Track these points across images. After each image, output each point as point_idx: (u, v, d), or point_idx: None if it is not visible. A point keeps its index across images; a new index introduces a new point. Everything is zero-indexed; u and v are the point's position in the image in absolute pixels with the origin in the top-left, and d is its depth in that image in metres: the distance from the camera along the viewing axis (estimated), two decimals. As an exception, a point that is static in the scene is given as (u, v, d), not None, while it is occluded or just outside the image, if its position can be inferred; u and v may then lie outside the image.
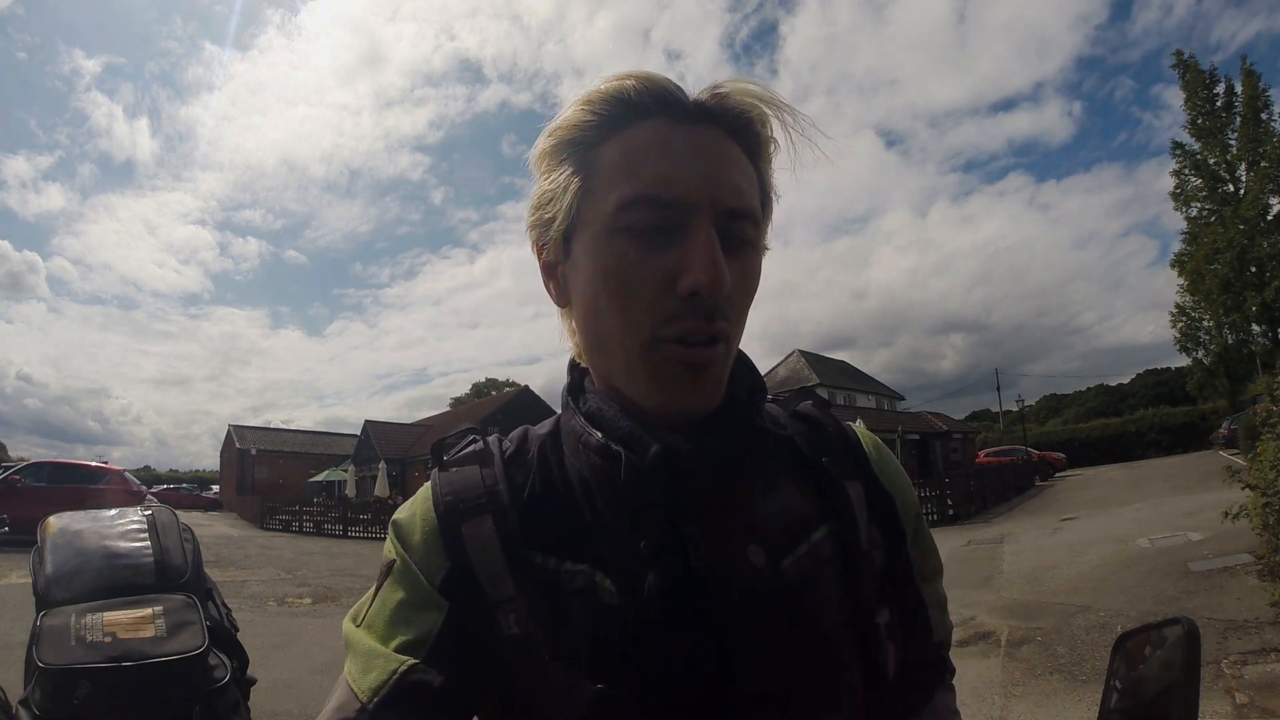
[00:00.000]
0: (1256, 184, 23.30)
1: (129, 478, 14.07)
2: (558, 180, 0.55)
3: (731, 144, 0.54)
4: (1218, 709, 3.41)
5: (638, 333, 0.52)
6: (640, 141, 0.52)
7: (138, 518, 1.65)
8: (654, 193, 0.50)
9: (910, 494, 0.67)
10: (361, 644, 0.53)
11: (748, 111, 0.54)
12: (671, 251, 0.50)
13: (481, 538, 0.54)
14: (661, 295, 0.51)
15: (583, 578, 0.53)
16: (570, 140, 0.55)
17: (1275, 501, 4.48)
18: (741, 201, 0.52)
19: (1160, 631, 0.56)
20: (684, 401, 0.53)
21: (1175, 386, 43.10)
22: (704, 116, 0.53)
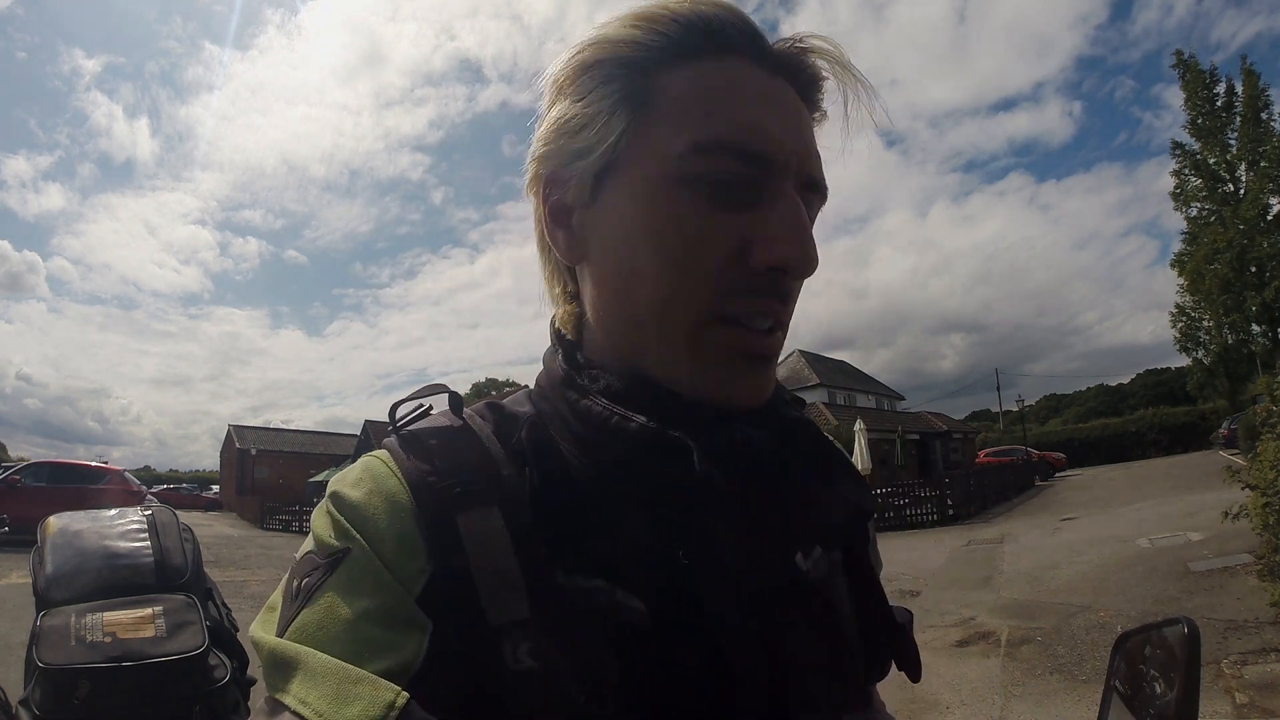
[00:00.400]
0: (1256, 184, 23.30)
1: (129, 478, 14.08)
2: (597, 104, 0.45)
3: (804, 106, 0.47)
4: (1218, 709, 3.41)
5: (692, 307, 0.43)
6: (724, 78, 0.44)
7: (138, 518, 1.65)
8: (740, 141, 0.42)
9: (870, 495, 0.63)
10: (320, 663, 0.37)
11: (823, 76, 0.48)
12: (747, 215, 0.42)
13: (486, 536, 0.40)
14: (729, 265, 0.42)
15: (601, 596, 0.41)
16: (620, 59, 0.45)
17: (1275, 501, 4.48)
18: (822, 173, 0.46)
19: (1160, 631, 0.56)
20: (735, 395, 0.44)
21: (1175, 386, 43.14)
22: (782, 68, 0.46)
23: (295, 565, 0.44)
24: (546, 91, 0.49)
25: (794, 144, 0.44)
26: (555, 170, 0.48)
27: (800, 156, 0.44)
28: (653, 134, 0.43)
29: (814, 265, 0.43)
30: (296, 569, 0.43)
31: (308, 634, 0.39)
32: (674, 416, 0.43)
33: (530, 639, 0.39)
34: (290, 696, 0.36)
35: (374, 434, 34.04)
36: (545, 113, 0.49)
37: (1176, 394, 40.30)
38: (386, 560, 0.40)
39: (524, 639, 0.39)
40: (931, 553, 9.78)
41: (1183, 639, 0.52)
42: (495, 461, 0.44)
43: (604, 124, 0.44)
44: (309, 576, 0.42)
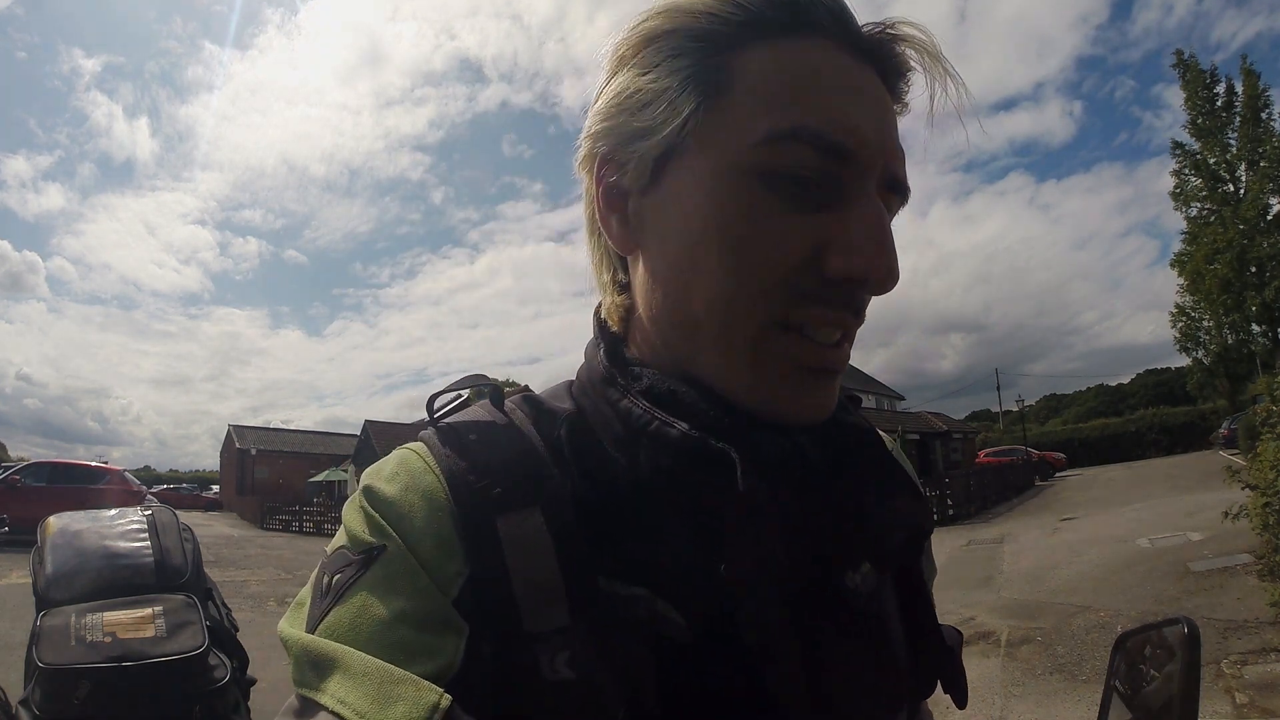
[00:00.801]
0: (1256, 184, 23.31)
1: (129, 478, 14.07)
2: (665, 79, 0.41)
3: (888, 101, 0.43)
4: (1218, 709, 3.41)
5: (756, 312, 0.39)
6: (810, 61, 0.39)
7: (138, 518, 1.65)
8: (826, 133, 0.38)
9: None
10: (359, 662, 0.35)
11: (910, 67, 0.43)
12: (825, 216, 0.39)
13: (526, 539, 0.39)
14: (801, 271, 0.39)
15: (641, 605, 0.39)
16: (692, 31, 0.41)
17: (1275, 501, 4.48)
18: (905, 172, 0.42)
19: (1160, 631, 0.56)
20: (793, 410, 0.41)
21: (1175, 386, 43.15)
22: (868, 55, 0.42)
23: (327, 560, 0.42)
24: (607, 62, 0.45)
25: (880, 140, 0.40)
26: (613, 149, 0.44)
27: (886, 154, 0.40)
28: (725, 118, 0.40)
29: (895, 280, 0.39)
30: (328, 564, 0.41)
31: (340, 633, 0.37)
32: (721, 424, 0.40)
33: (569, 648, 0.37)
34: (327, 696, 0.35)
35: (374, 434, 34.03)
36: (604, 85, 0.45)
37: (1176, 394, 40.32)
38: (423, 560, 0.39)
39: (562, 648, 0.37)
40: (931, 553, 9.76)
41: (1183, 639, 0.52)
42: (538, 460, 0.42)
43: (671, 103, 0.40)
44: (341, 573, 0.40)
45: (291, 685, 0.38)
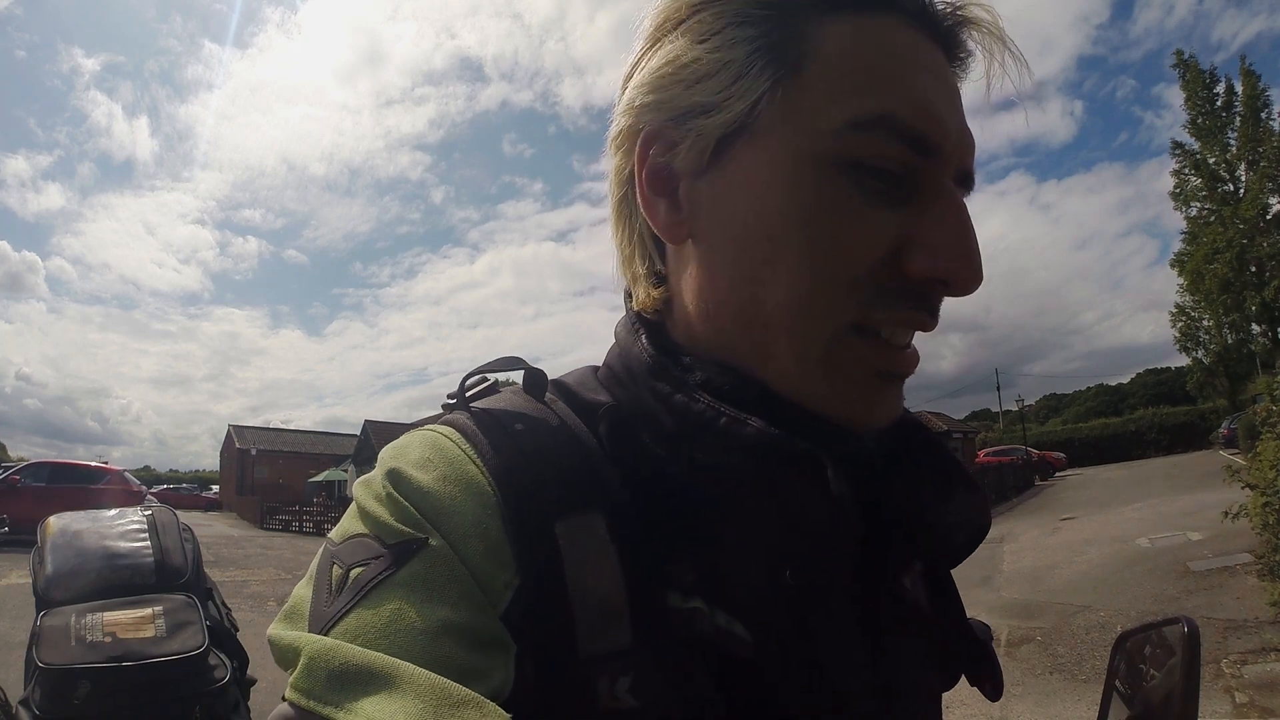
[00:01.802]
0: (1256, 184, 23.32)
1: (129, 478, 14.06)
2: (729, 50, 0.37)
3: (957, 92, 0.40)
4: (1218, 709, 3.41)
5: (834, 313, 0.36)
6: (893, 41, 0.36)
7: (138, 518, 1.65)
8: (912, 124, 0.35)
9: None
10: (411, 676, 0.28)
11: (972, 51, 0.40)
12: (907, 211, 0.36)
13: (588, 548, 0.34)
14: (880, 270, 0.36)
15: (704, 621, 0.36)
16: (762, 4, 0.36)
17: (1275, 501, 4.48)
18: (973, 164, 0.40)
19: (1160, 631, 0.56)
20: (865, 415, 0.38)
21: (1175, 386, 43.14)
22: (939, 36, 0.39)
23: (338, 548, 0.35)
24: (648, 25, 0.40)
25: (960, 130, 0.37)
26: (663, 125, 0.39)
27: (964, 146, 0.38)
28: (802, 99, 0.36)
29: (978, 281, 0.36)
30: (342, 552, 0.35)
31: (366, 640, 0.30)
32: (797, 424, 0.36)
33: (631, 672, 0.33)
34: (357, 717, 0.27)
35: (374, 434, 34.00)
36: (646, 52, 0.40)
37: (1176, 394, 40.31)
38: (470, 564, 0.33)
39: (624, 672, 0.33)
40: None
41: (1183, 638, 0.52)
42: (595, 458, 0.37)
43: (738, 77, 0.36)
44: (365, 566, 0.33)
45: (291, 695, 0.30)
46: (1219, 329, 26.04)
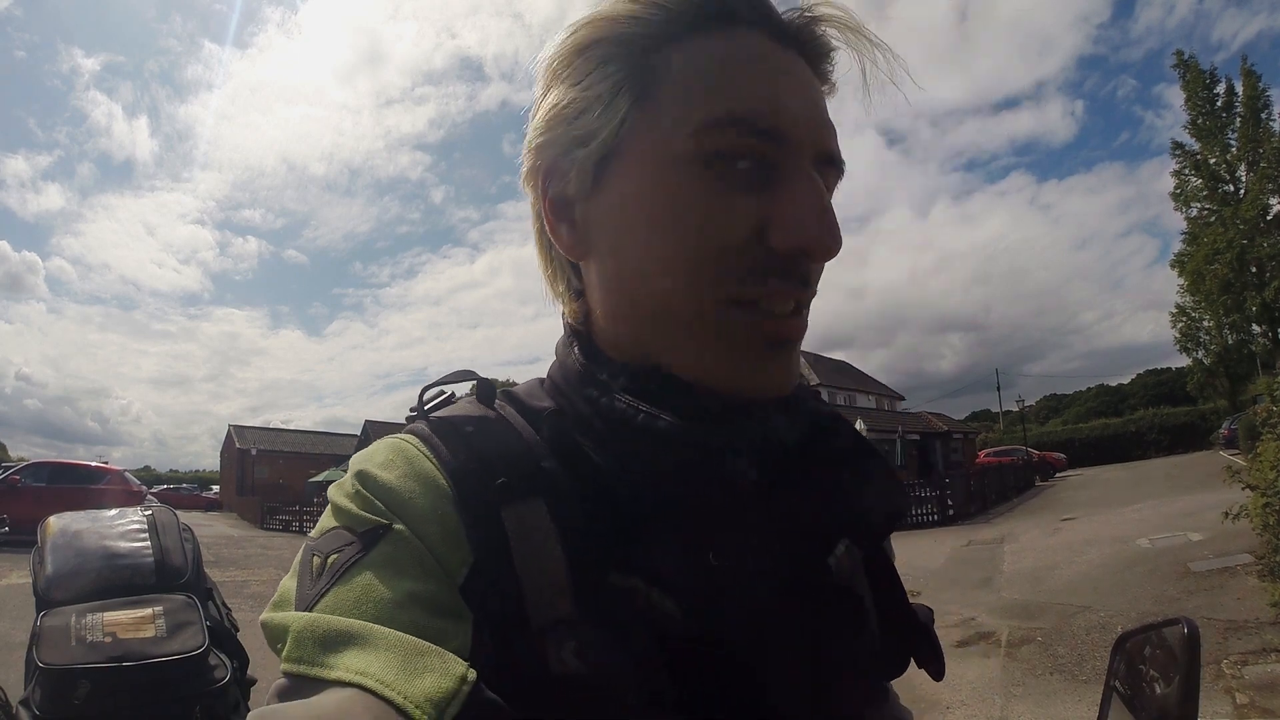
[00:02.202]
0: (1256, 184, 23.31)
1: (129, 478, 14.07)
2: (597, 86, 0.42)
3: (817, 83, 0.45)
4: (1218, 709, 3.41)
5: (711, 292, 0.40)
6: (735, 50, 0.41)
7: (138, 518, 1.65)
8: (754, 116, 0.39)
9: None
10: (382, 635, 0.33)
11: (833, 46, 0.45)
12: (765, 194, 0.40)
13: (531, 530, 0.39)
14: (748, 247, 0.40)
15: (638, 596, 0.39)
16: (618, 37, 0.42)
17: (1275, 501, 4.48)
18: (839, 150, 0.44)
19: (1160, 631, 0.56)
20: (760, 384, 0.42)
21: (1175, 386, 43.14)
22: (792, 40, 0.44)
23: (315, 541, 0.40)
24: (540, 77, 0.46)
25: (810, 118, 0.42)
26: (554, 160, 0.45)
27: (817, 131, 0.42)
28: (660, 114, 0.41)
29: (838, 247, 0.41)
30: (319, 545, 0.39)
31: (343, 612, 0.35)
32: (699, 412, 0.41)
33: (575, 639, 0.37)
34: (339, 670, 0.32)
35: (374, 434, 34.02)
36: (540, 100, 0.46)
37: (1176, 394, 40.30)
38: (431, 546, 0.38)
39: (568, 639, 0.37)
40: (931, 553, 9.77)
41: (1183, 639, 0.52)
42: (537, 454, 0.42)
43: (605, 107, 0.42)
44: (339, 552, 0.38)
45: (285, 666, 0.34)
46: (1219, 329, 26.04)
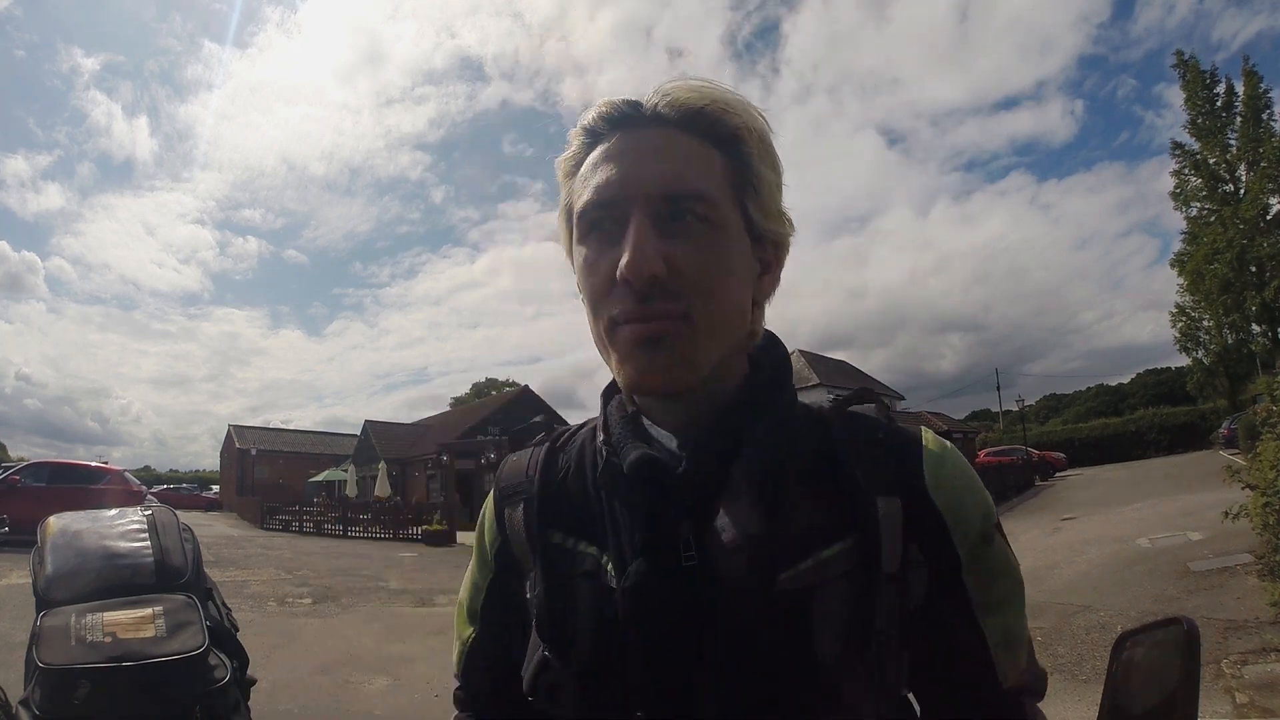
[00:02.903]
0: (1256, 184, 23.31)
1: (129, 478, 14.07)
2: (562, 197, 0.64)
3: (682, 137, 0.57)
4: (1218, 709, 3.41)
5: (604, 320, 0.57)
6: (596, 157, 0.59)
7: (138, 518, 1.65)
8: (597, 197, 0.57)
9: (975, 513, 0.58)
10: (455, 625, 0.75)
11: (692, 104, 0.57)
12: (620, 243, 0.54)
13: (516, 520, 0.67)
14: (613, 282, 0.55)
15: (591, 560, 0.61)
16: (564, 168, 0.64)
17: (1275, 501, 4.48)
18: (677, 185, 0.54)
19: (1160, 631, 0.56)
20: (647, 379, 0.55)
21: (1175, 386, 43.11)
22: (655, 121, 0.58)
23: None
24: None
25: (642, 179, 0.55)
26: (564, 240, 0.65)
27: (650, 185, 0.55)
28: (573, 199, 0.61)
29: (643, 268, 0.52)
30: None
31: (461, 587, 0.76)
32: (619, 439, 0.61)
33: (533, 579, 0.64)
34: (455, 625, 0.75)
35: (374, 434, 34.01)
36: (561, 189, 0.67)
37: (1176, 394, 40.26)
38: (485, 535, 0.73)
39: (531, 580, 0.64)
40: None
41: (1182, 639, 0.52)
42: (533, 470, 0.68)
43: (560, 213, 0.64)
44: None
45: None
46: (1219, 329, 26.04)
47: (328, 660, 5.67)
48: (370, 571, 11.53)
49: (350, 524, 19.90)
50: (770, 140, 0.59)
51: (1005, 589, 0.58)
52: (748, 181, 0.57)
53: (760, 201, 0.58)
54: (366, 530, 19.27)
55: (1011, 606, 0.58)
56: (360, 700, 4.70)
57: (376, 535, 18.80)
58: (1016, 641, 0.58)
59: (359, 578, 10.74)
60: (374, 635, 6.76)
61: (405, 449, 32.94)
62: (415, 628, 7.18)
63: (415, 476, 30.27)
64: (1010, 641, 0.57)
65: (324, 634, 6.77)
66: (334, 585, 9.81)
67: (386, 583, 10.30)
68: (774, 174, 0.59)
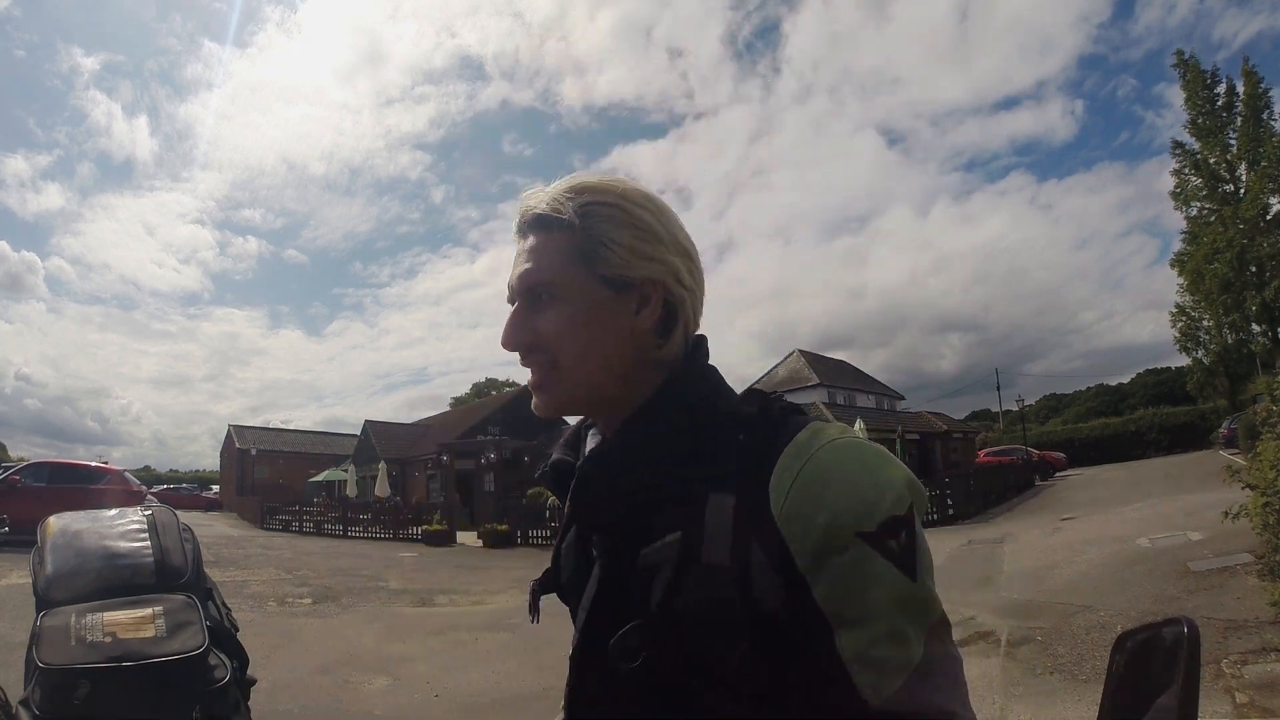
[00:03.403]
0: (1256, 183, 23.31)
1: (129, 478, 14.07)
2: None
3: (537, 236, 0.72)
4: (1218, 709, 3.41)
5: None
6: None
7: (138, 518, 1.65)
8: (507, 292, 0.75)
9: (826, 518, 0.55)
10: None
11: (536, 210, 0.72)
12: None
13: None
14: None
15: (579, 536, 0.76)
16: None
17: (1275, 501, 4.48)
18: (531, 279, 0.71)
19: (1160, 631, 0.56)
20: (535, 408, 0.73)
21: (1175, 386, 43.07)
22: (522, 230, 0.74)
23: None
24: None
25: (515, 282, 0.72)
26: None
27: (518, 286, 0.71)
28: None
29: (506, 343, 0.72)
30: None
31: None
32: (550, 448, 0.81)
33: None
34: None
35: (374, 434, 34.00)
36: None
37: (1176, 394, 40.22)
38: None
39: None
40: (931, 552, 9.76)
41: (1182, 639, 0.52)
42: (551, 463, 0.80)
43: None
44: None
45: None
46: (1219, 329, 26.05)
47: (328, 660, 5.68)
48: (370, 571, 11.54)
49: (350, 524, 19.92)
50: (628, 203, 0.70)
51: (868, 603, 0.54)
52: (595, 250, 0.68)
53: (611, 260, 0.68)
54: (366, 530, 19.30)
55: (877, 622, 0.54)
56: (360, 700, 4.70)
57: (376, 535, 18.82)
58: (879, 664, 0.53)
59: (359, 578, 10.74)
60: (374, 635, 6.77)
61: (405, 449, 32.93)
62: (415, 628, 7.19)
63: (415, 476, 30.27)
64: (868, 661, 0.53)
65: (324, 634, 6.77)
66: (334, 585, 9.81)
67: (386, 583, 10.30)
68: (629, 232, 0.69)
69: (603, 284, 0.68)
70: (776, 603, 0.55)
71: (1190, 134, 25.39)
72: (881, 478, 0.56)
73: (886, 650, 0.53)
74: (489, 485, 23.38)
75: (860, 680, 0.53)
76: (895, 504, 0.55)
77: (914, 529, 0.56)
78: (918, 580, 0.55)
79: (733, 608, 0.55)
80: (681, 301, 0.70)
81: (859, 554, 0.54)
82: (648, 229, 0.69)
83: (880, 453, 0.59)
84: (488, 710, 4.64)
